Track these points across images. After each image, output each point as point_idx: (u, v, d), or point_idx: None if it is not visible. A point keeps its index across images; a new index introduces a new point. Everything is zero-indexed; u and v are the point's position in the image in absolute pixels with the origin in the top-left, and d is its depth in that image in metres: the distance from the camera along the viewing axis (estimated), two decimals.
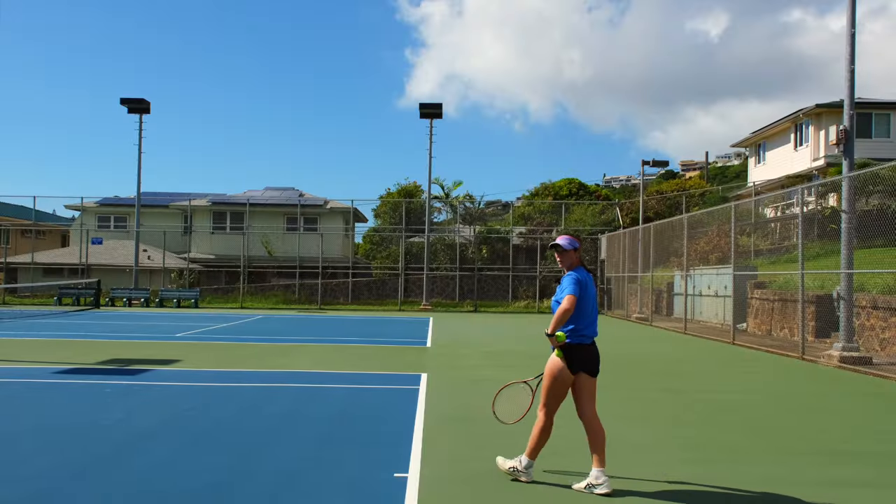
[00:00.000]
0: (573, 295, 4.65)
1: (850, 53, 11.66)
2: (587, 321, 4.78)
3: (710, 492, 4.63)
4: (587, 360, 4.81)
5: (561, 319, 4.63)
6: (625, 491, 4.60)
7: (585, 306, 4.75)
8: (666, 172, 75.29)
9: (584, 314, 4.75)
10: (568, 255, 4.90)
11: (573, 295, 4.65)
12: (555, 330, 4.66)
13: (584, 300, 4.73)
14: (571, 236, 4.98)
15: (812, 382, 9.97)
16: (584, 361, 4.78)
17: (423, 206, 34.72)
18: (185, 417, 6.73)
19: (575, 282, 4.73)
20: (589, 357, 4.82)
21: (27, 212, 37.94)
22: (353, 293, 32.76)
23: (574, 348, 4.74)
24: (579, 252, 4.96)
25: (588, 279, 4.83)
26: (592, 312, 4.83)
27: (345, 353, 12.71)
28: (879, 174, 14.22)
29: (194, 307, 28.34)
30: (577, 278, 4.75)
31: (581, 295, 4.70)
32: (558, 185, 47.16)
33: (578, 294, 4.68)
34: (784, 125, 32.33)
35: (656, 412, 7.43)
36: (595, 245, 32.35)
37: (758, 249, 24.65)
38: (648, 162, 26.77)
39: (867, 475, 5.12)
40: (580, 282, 4.74)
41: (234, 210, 38.00)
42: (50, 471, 4.87)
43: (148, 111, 31.20)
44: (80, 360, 10.91)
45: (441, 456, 5.42)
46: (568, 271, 4.88)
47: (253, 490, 4.51)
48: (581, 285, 4.73)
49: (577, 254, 4.92)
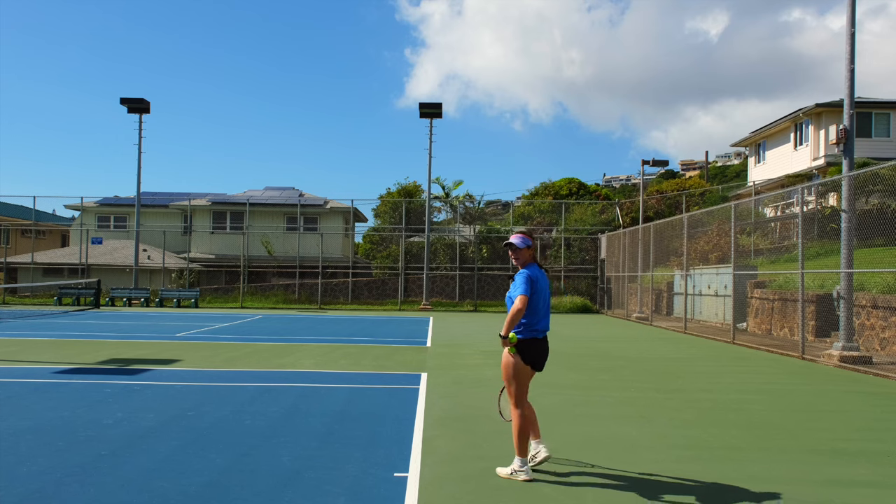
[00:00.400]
0: (525, 295, 4.82)
1: (849, 53, 11.66)
2: (539, 317, 4.97)
3: (710, 491, 4.63)
4: (537, 354, 5.01)
5: (513, 320, 4.82)
6: (625, 491, 4.60)
7: (537, 302, 4.94)
8: (666, 172, 75.34)
9: (535, 310, 4.93)
10: (522, 252, 5.07)
11: (525, 295, 4.82)
12: (508, 331, 4.84)
13: (535, 297, 4.92)
14: (524, 234, 5.13)
15: (812, 382, 9.97)
16: (534, 355, 4.99)
17: (423, 206, 34.72)
18: (185, 417, 6.73)
19: (526, 280, 4.90)
20: (539, 351, 5.03)
21: (27, 212, 37.95)
22: (353, 293, 32.75)
23: (526, 342, 4.93)
24: (532, 250, 5.11)
25: (540, 275, 5.02)
26: (544, 308, 5.02)
27: (345, 352, 12.71)
28: (879, 174, 14.22)
29: (194, 307, 28.34)
30: (528, 276, 4.93)
31: (533, 292, 4.90)
32: (558, 184, 47.16)
33: (530, 293, 4.87)
34: (784, 124, 32.32)
35: (656, 412, 7.43)
36: (595, 245, 32.36)
37: (758, 249, 24.65)
38: (648, 161, 26.75)
39: (867, 475, 5.12)
40: (532, 279, 4.92)
41: (234, 210, 37.99)
42: (50, 470, 4.87)
43: (148, 111, 31.19)
44: (80, 360, 10.91)
45: (441, 456, 5.42)
46: (521, 268, 5.04)
47: (253, 490, 4.51)
48: (533, 283, 4.91)
49: (530, 251, 5.09)
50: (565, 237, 32.69)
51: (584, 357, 12.57)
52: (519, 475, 4.80)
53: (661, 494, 4.54)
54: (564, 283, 31.90)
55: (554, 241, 33.32)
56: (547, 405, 7.70)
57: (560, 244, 32.63)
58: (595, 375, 10.22)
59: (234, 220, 37.95)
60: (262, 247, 35.83)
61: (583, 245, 32.73)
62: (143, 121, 31.14)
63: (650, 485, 4.74)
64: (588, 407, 7.69)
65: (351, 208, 37.73)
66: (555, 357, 12.53)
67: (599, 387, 9.15)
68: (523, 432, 4.87)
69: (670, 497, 4.49)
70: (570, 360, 12.14)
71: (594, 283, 31.79)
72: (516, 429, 4.89)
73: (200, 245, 37.82)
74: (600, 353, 13.21)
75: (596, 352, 13.53)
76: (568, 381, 9.64)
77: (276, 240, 36.35)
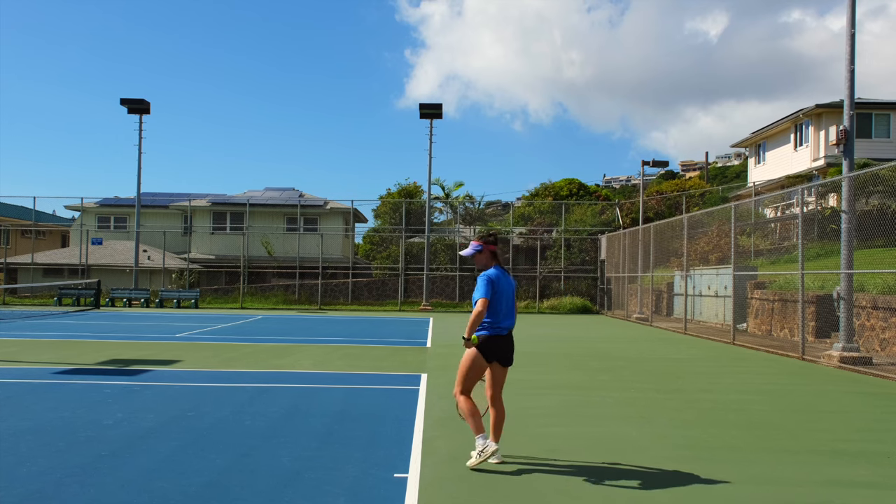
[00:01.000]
0: (484, 298, 5.05)
1: (849, 53, 11.66)
2: (501, 316, 5.17)
3: (710, 492, 4.63)
4: (501, 349, 5.18)
5: (474, 323, 5.04)
6: (625, 491, 4.60)
7: (499, 303, 5.14)
8: (666, 173, 75.28)
9: (497, 310, 5.14)
10: (476, 258, 5.32)
11: (484, 298, 5.05)
12: (471, 333, 5.05)
13: (496, 298, 5.12)
14: (477, 240, 5.31)
15: (812, 382, 9.97)
16: (497, 351, 5.16)
17: (423, 207, 34.71)
18: (185, 417, 6.73)
19: (486, 283, 5.10)
20: (503, 347, 5.20)
21: (27, 212, 37.95)
22: (353, 293, 32.75)
23: (490, 339, 5.12)
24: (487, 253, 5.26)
25: (500, 275, 5.19)
26: (506, 308, 5.19)
27: (345, 353, 12.71)
28: (879, 174, 14.21)
29: (194, 307, 28.34)
30: (488, 279, 5.13)
31: (494, 293, 5.09)
32: (558, 185, 47.18)
33: (489, 295, 5.07)
34: (784, 125, 32.33)
35: (656, 412, 7.43)
36: (595, 245, 32.36)
37: (758, 250, 24.65)
38: (648, 162, 26.76)
39: (867, 475, 5.12)
40: (491, 282, 5.11)
41: (234, 210, 38.00)
42: (50, 471, 4.87)
43: (148, 111, 31.20)
44: (80, 361, 10.91)
45: (441, 456, 5.42)
46: (482, 272, 5.24)
47: (253, 490, 4.51)
48: (493, 285, 5.11)
49: (483, 255, 5.29)
50: (565, 238, 32.69)
51: (585, 357, 12.57)
52: (487, 453, 4.95)
53: (661, 495, 4.53)
54: (564, 284, 31.92)
55: (554, 241, 33.33)
56: (547, 405, 7.70)
57: (560, 245, 32.63)
58: (595, 376, 10.22)
59: (234, 220, 37.95)
60: (262, 247, 35.84)
61: (583, 246, 32.73)
62: (143, 121, 31.15)
63: (650, 485, 4.74)
64: (588, 407, 7.69)
65: (351, 209, 37.73)
66: (555, 357, 12.55)
67: (599, 387, 9.15)
68: (470, 413, 5.06)
69: (670, 497, 4.48)
70: (570, 360, 12.14)
71: (594, 283, 31.79)
72: (464, 411, 5.09)
73: (200, 245, 37.82)
74: (600, 354, 13.21)
75: (596, 352, 13.53)
76: (568, 381, 9.64)
77: (276, 240, 36.36)
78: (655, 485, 4.75)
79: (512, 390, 8.72)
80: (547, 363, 11.66)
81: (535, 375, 10.11)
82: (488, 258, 5.28)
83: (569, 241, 32.77)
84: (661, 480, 4.86)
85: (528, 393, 8.54)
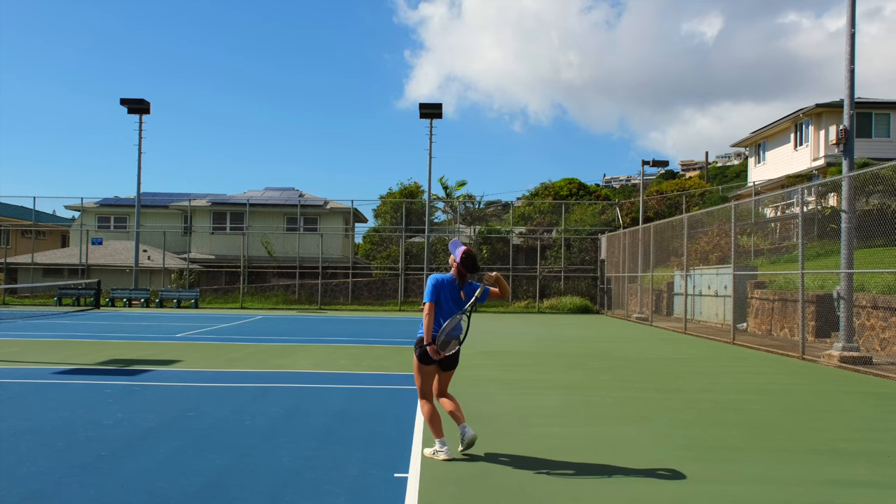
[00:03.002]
0: (429, 302, 5.27)
1: (849, 53, 11.65)
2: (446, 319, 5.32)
3: (710, 491, 4.63)
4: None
5: (427, 326, 5.22)
6: (625, 491, 4.60)
7: (443, 306, 5.32)
8: (666, 172, 75.32)
9: (442, 313, 5.31)
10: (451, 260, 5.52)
11: (429, 302, 5.27)
12: (429, 338, 5.21)
13: (440, 302, 5.31)
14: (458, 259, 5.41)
15: (812, 382, 9.97)
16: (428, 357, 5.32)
17: (423, 207, 34.70)
18: (185, 417, 6.73)
19: (430, 288, 5.31)
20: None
21: (27, 212, 37.95)
22: (353, 293, 32.76)
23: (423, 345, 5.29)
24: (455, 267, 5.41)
25: (444, 281, 5.35)
26: (447, 312, 5.33)
27: (345, 353, 12.71)
28: (879, 174, 14.21)
29: (194, 307, 28.34)
30: (432, 284, 5.33)
31: (438, 298, 5.30)
32: (558, 185, 47.18)
33: (433, 299, 5.28)
34: (784, 125, 32.32)
35: (656, 412, 7.43)
36: (595, 245, 32.36)
37: (758, 249, 24.64)
38: (648, 162, 26.76)
39: (867, 475, 5.12)
40: (435, 287, 5.32)
41: (234, 210, 38.00)
42: (50, 471, 4.87)
43: (148, 111, 31.20)
44: (80, 360, 10.92)
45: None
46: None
47: (253, 490, 4.51)
48: (436, 290, 5.31)
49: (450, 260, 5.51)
50: (565, 237, 32.68)
51: (585, 357, 12.58)
52: (439, 454, 5.25)
53: (661, 494, 4.53)
54: (564, 284, 31.91)
55: (554, 241, 33.33)
56: (547, 405, 7.70)
57: (560, 244, 32.63)
58: (595, 375, 10.22)
59: (234, 220, 37.95)
60: (262, 247, 35.84)
61: (583, 245, 32.72)
62: (143, 121, 31.15)
63: (650, 485, 4.74)
64: (588, 407, 7.69)
65: (351, 209, 37.73)
66: (555, 357, 12.55)
67: (599, 387, 9.15)
68: (429, 419, 5.32)
69: (670, 497, 4.48)
70: (570, 360, 12.14)
71: (594, 283, 31.79)
72: (424, 416, 5.36)
73: (200, 245, 37.82)
74: (600, 354, 13.21)
75: (596, 352, 13.53)
76: (568, 381, 9.64)
77: (276, 240, 36.36)
78: (655, 485, 4.75)
79: (512, 390, 8.73)
80: (547, 363, 11.66)
81: (535, 375, 10.11)
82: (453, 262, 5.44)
83: (569, 241, 32.77)
84: (661, 480, 4.86)
85: (527, 392, 8.54)
